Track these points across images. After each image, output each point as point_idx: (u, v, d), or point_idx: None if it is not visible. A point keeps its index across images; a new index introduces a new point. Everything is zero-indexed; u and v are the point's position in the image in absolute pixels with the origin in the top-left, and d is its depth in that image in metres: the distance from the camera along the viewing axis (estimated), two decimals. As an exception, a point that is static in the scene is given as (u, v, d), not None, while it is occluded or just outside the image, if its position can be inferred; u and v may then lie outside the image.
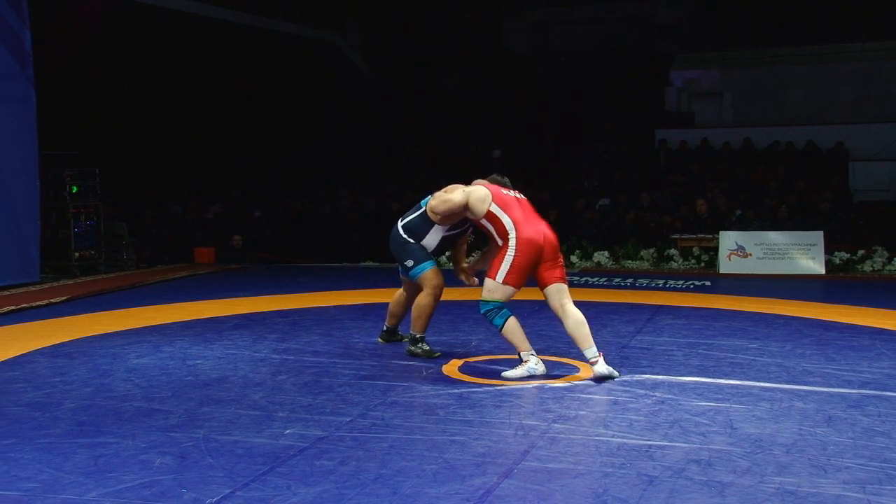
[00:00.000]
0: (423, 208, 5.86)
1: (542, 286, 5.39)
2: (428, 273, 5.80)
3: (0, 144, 9.68)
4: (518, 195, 5.59)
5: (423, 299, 5.83)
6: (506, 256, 5.31)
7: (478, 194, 5.48)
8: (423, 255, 5.82)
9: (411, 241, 5.84)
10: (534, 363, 5.31)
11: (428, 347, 5.91)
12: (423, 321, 5.89)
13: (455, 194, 5.60)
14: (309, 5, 17.91)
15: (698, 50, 18.58)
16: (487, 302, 5.36)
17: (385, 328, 6.44)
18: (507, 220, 5.35)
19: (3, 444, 4.06)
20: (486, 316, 5.38)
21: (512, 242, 5.32)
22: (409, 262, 5.82)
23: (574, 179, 15.66)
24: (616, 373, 5.27)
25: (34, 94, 10.05)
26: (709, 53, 18.40)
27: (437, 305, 5.95)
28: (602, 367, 5.22)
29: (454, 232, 5.92)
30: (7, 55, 9.78)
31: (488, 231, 5.49)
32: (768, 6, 18.01)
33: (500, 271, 5.32)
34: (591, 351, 5.27)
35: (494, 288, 5.33)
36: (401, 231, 5.90)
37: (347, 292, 9.27)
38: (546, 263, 5.35)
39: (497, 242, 5.44)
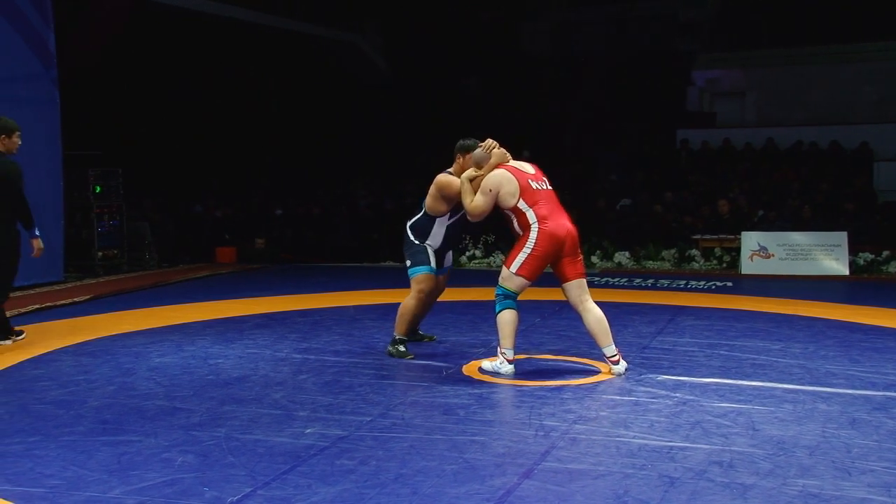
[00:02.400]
0: (424, 207, 5.97)
1: (563, 281, 5.40)
2: (420, 276, 5.87)
3: (25, 145, 9.77)
4: (545, 185, 5.51)
5: (408, 301, 5.90)
6: (524, 248, 5.31)
7: (508, 188, 5.38)
8: (422, 258, 5.89)
9: (417, 241, 5.94)
10: (506, 364, 5.36)
11: (404, 349, 5.91)
12: (404, 323, 5.92)
13: (490, 182, 5.43)
14: (329, 6, 17.97)
15: (720, 49, 18.45)
16: (500, 287, 5.43)
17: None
18: (531, 215, 5.34)
19: (29, 441, 4.11)
20: (497, 300, 5.43)
21: (533, 235, 5.30)
22: (408, 262, 5.95)
23: (595, 179, 15.60)
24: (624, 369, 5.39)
25: (58, 95, 10.16)
26: (731, 53, 18.26)
27: (424, 310, 6.15)
28: (622, 366, 5.28)
29: (455, 219, 5.95)
30: (31, 56, 9.90)
31: (509, 218, 5.47)
32: (791, 5, 17.85)
33: (515, 262, 5.34)
34: (610, 349, 5.30)
35: (508, 277, 5.38)
36: (408, 232, 6.01)
37: (368, 292, 9.29)
38: (567, 258, 5.35)
39: (517, 231, 5.42)
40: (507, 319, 5.35)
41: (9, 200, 6.39)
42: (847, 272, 10.75)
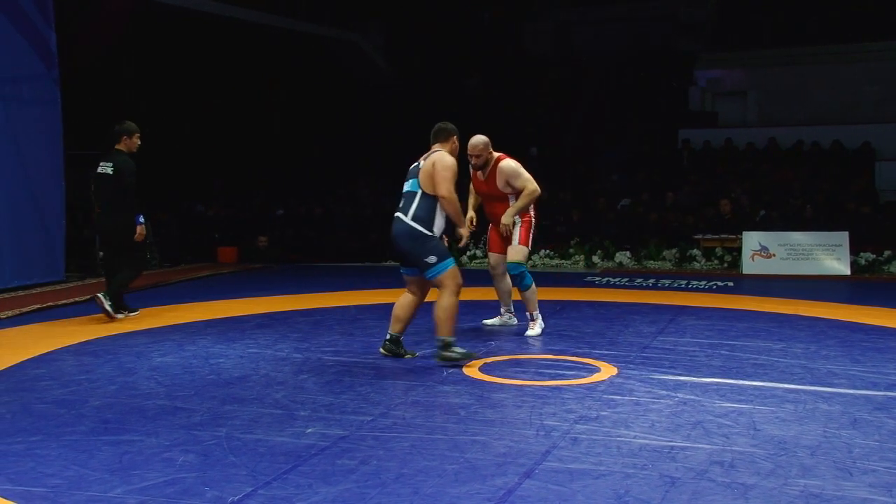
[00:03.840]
0: (418, 192, 5.57)
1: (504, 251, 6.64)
2: (452, 271, 5.50)
3: (26, 145, 9.81)
4: None
5: (448, 299, 5.48)
6: (532, 225, 6.59)
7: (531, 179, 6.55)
8: (445, 252, 5.55)
9: (430, 233, 5.53)
10: (541, 321, 6.65)
11: (463, 349, 5.63)
12: (452, 323, 5.53)
13: (526, 176, 6.53)
14: (331, 6, 17.97)
15: (722, 49, 18.43)
16: (521, 264, 6.49)
17: (389, 336, 5.85)
18: None
19: (30, 440, 4.11)
20: (520, 275, 6.48)
21: (532, 212, 6.62)
22: (432, 259, 5.47)
23: (596, 179, 15.60)
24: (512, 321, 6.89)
25: (60, 94, 10.17)
26: (733, 53, 18.25)
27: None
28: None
29: None
30: (33, 56, 9.91)
31: (507, 196, 6.56)
32: (792, 5, 17.84)
33: (529, 237, 6.56)
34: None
35: (521, 251, 6.51)
36: (413, 224, 5.54)
37: (369, 292, 9.30)
38: None
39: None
40: (534, 290, 6.62)
41: (126, 192, 7.54)
42: (848, 272, 10.75)
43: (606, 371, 5.41)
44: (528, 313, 6.70)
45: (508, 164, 6.53)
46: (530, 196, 6.52)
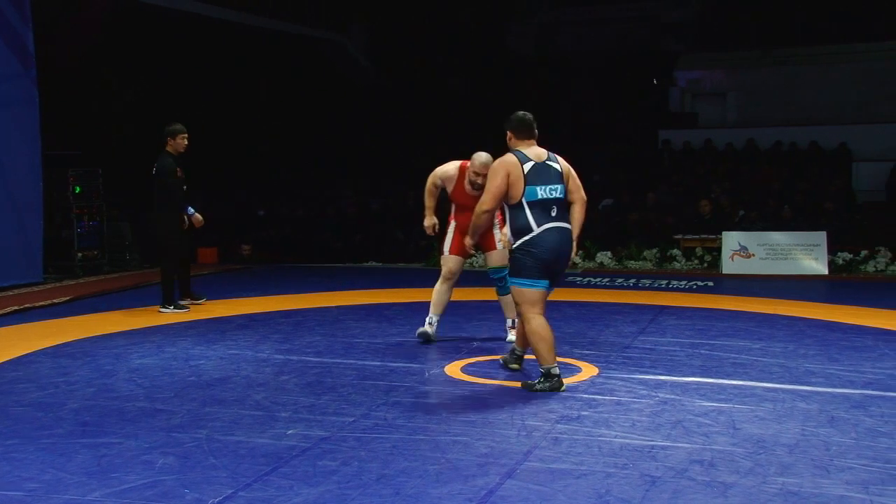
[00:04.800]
0: (564, 198, 5.06)
1: (487, 250, 6.29)
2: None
3: (3, 145, 9.70)
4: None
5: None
6: (505, 226, 5.72)
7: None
8: None
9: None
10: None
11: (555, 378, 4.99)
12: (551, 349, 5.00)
13: None
14: (315, 6, 17.91)
15: (702, 50, 18.56)
16: (504, 268, 5.93)
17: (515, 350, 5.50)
18: None
19: (7, 444, 4.07)
20: (504, 279, 5.93)
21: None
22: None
23: (580, 179, 15.63)
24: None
25: (37, 94, 10.07)
26: (713, 53, 18.38)
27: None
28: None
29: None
30: (10, 56, 9.80)
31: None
32: (773, 7, 17.99)
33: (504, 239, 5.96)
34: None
35: (504, 255, 5.97)
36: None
37: (350, 293, 9.28)
38: None
39: (493, 217, 5.85)
40: None
41: (162, 191, 7.83)
42: (826, 272, 10.85)
43: (587, 371, 5.43)
44: (510, 319, 6.33)
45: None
46: None
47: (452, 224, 6.39)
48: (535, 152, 5.02)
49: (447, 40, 19.35)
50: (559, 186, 4.96)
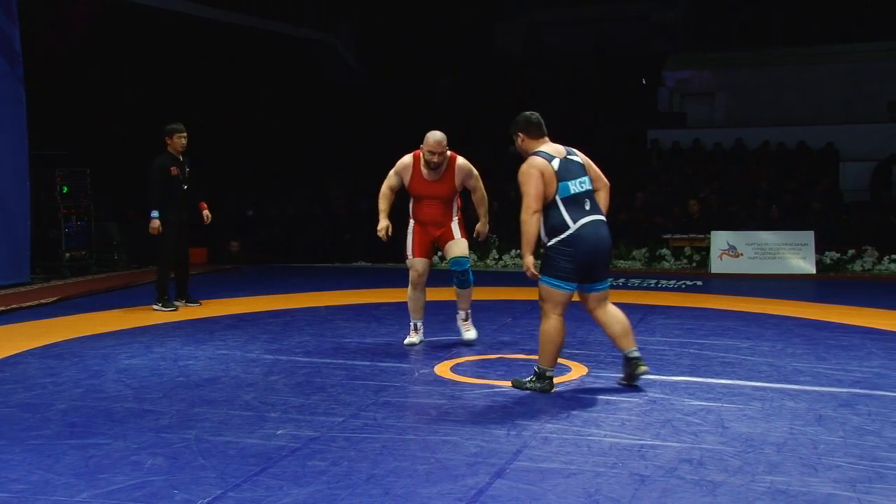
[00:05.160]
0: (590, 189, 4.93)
1: (446, 242, 6.17)
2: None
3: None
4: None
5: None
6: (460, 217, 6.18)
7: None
8: None
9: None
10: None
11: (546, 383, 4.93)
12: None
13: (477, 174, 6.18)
14: (303, 6, 17.87)
15: (691, 50, 18.63)
16: (466, 258, 6.11)
17: (624, 357, 5.03)
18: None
19: (-6, 445, 4.04)
20: (468, 271, 6.11)
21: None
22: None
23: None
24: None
25: (24, 93, 10.01)
26: (701, 54, 18.45)
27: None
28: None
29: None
30: (-4, 54, 9.75)
31: (452, 199, 6.15)
32: (760, 7, 18.07)
33: (464, 230, 6.17)
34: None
35: (466, 244, 6.12)
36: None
37: (339, 292, 9.26)
38: None
39: (452, 209, 6.15)
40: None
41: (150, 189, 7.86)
42: (814, 271, 10.91)
43: (577, 370, 5.44)
44: (464, 312, 6.26)
45: (465, 161, 6.07)
46: (486, 198, 6.23)
47: (412, 224, 6.20)
48: (555, 149, 4.91)
49: (436, 40, 19.34)
50: (586, 178, 4.87)
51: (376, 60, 19.69)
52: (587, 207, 4.80)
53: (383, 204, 6.19)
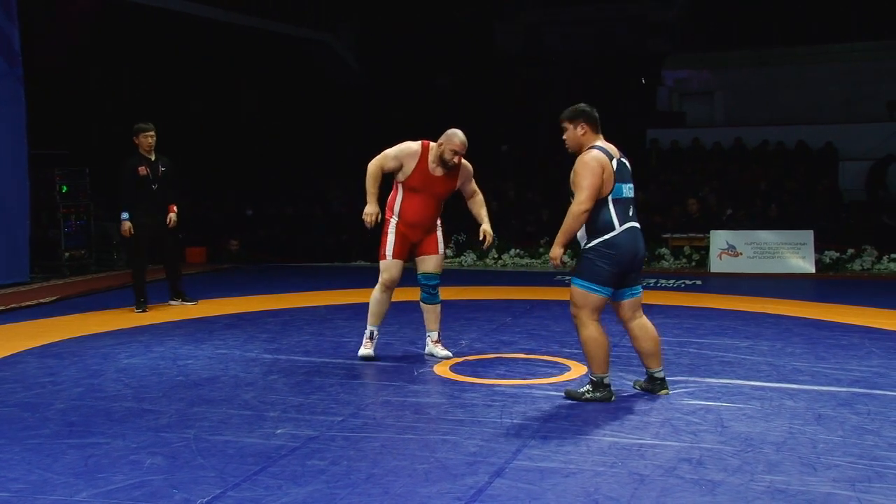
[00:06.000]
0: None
1: (424, 253, 5.79)
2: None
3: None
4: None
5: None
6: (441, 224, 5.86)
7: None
8: None
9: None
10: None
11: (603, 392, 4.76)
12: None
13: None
14: (302, 6, 17.87)
15: (690, 50, 18.64)
16: (438, 275, 5.78)
17: (648, 375, 4.93)
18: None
19: (-7, 444, 4.04)
20: (437, 287, 5.76)
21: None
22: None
23: (566, 178, 15.68)
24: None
25: (23, 93, 10.01)
26: (700, 53, 18.46)
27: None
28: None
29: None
30: (-5, 54, 9.75)
31: (446, 199, 5.78)
32: (760, 6, 18.08)
33: (445, 240, 5.91)
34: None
35: (442, 262, 5.85)
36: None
37: (338, 292, 9.26)
38: None
39: (440, 212, 5.79)
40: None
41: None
42: (813, 270, 10.91)
43: (577, 370, 5.44)
44: (436, 332, 5.87)
45: (467, 162, 5.78)
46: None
47: (394, 222, 5.70)
48: (611, 148, 4.73)
49: (435, 40, 19.35)
50: (632, 185, 4.76)
51: (376, 60, 19.69)
52: (630, 213, 4.68)
53: (373, 186, 5.66)
